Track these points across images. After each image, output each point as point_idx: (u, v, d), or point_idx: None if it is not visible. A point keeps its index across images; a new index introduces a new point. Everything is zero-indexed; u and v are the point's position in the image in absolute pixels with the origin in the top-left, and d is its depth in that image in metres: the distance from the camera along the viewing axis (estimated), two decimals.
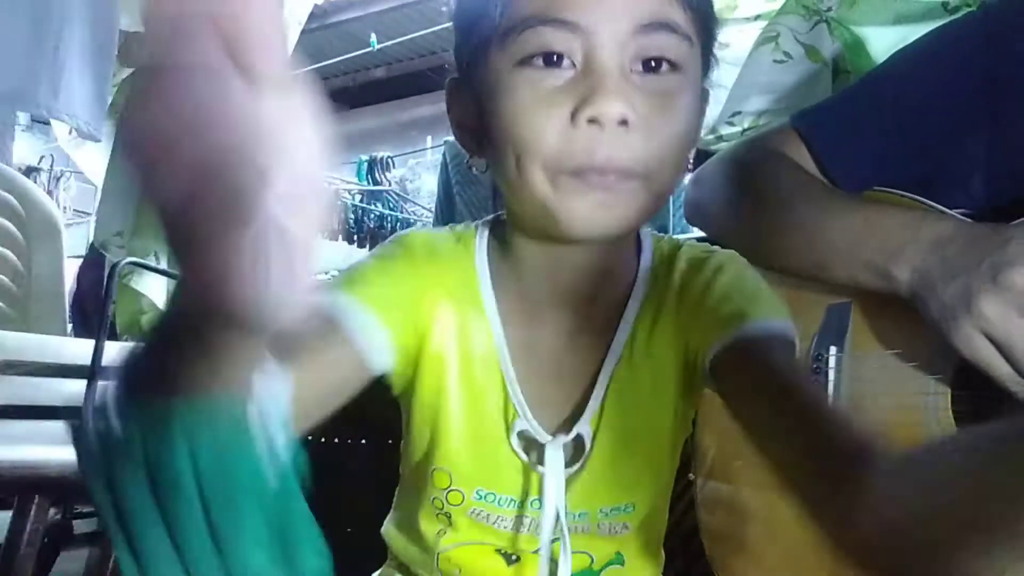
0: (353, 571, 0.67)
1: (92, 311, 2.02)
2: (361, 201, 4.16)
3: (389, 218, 4.19)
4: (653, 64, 0.58)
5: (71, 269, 2.28)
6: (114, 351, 1.67)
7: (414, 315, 0.66)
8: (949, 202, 0.87)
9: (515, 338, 0.68)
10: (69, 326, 2.14)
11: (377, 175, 4.25)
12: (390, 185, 4.30)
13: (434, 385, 0.68)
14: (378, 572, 0.77)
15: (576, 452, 0.67)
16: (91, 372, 1.54)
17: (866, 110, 0.89)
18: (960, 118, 0.83)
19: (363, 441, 1.47)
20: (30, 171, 4.60)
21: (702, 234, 1.00)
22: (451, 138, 2.06)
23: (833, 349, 0.80)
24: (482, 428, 0.68)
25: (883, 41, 1.25)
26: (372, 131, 5.56)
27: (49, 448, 1.20)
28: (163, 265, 2.07)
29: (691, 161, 0.67)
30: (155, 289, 2.04)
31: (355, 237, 4.12)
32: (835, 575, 0.77)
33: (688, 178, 1.00)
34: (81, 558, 1.46)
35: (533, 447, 0.67)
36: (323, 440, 1.46)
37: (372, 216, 4.16)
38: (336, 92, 5.65)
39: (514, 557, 0.70)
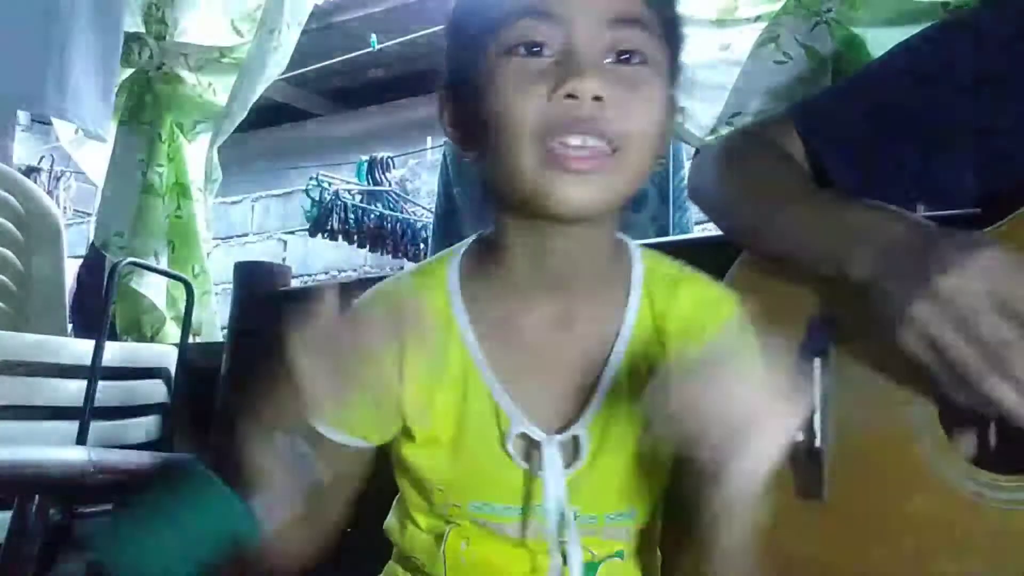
0: (355, 571, 0.67)
1: (92, 311, 2.02)
2: (361, 201, 4.16)
3: (389, 218, 4.19)
4: (625, 56, 0.65)
5: (71, 269, 2.28)
6: (114, 351, 1.67)
7: (379, 401, 0.68)
8: (941, 199, 0.88)
9: (497, 342, 0.71)
10: (69, 326, 2.14)
11: (377, 175, 4.25)
12: (390, 185, 4.30)
13: (418, 423, 0.71)
14: (384, 570, 0.78)
15: (576, 453, 0.69)
16: (91, 372, 1.55)
17: (859, 106, 0.90)
18: (948, 117, 0.84)
19: None
20: (30, 171, 4.60)
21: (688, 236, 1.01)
22: None
23: (817, 361, 0.79)
24: (472, 444, 0.70)
25: (883, 41, 1.25)
26: (372, 131, 5.56)
27: (49, 448, 1.21)
28: (163, 265, 2.07)
29: (662, 158, 0.72)
30: (156, 289, 2.04)
31: (355, 237, 4.12)
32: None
33: (692, 162, 1.02)
34: (81, 558, 1.46)
35: (533, 450, 0.69)
36: None
37: (372, 216, 4.16)
38: (336, 92, 5.65)
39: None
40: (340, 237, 4.09)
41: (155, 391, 1.77)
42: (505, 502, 0.70)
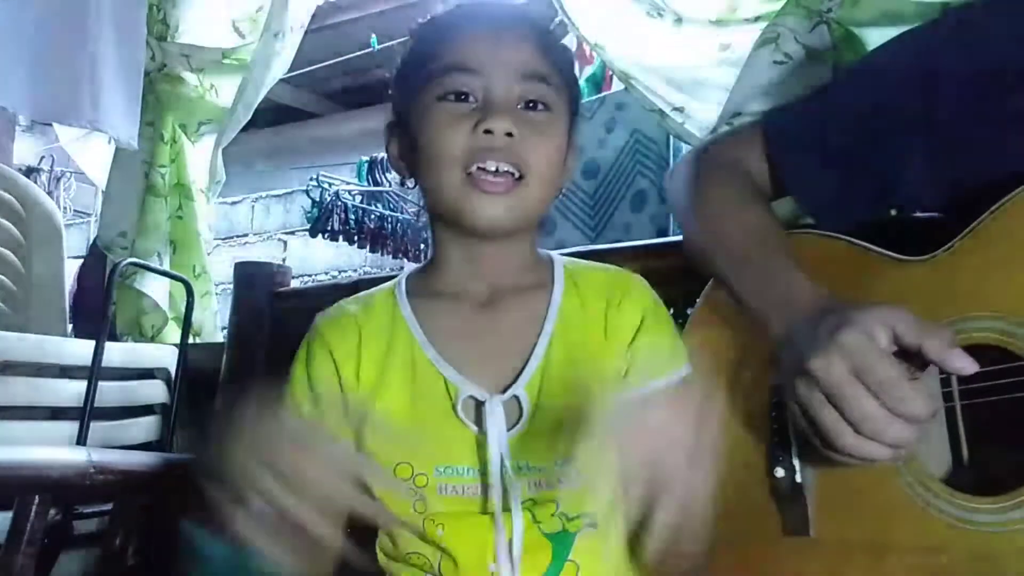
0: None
1: (92, 311, 2.02)
2: (361, 201, 4.16)
3: (389, 218, 4.18)
4: (531, 104, 0.81)
5: (71, 269, 2.28)
6: (114, 351, 1.67)
7: (344, 397, 0.84)
8: (912, 202, 0.89)
9: (441, 328, 0.85)
10: (69, 326, 2.14)
11: (377, 175, 4.24)
12: (390, 185, 4.29)
13: (374, 401, 0.83)
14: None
15: (520, 413, 0.79)
16: (91, 372, 1.55)
17: (826, 119, 0.92)
18: (902, 132, 0.86)
19: None
20: (30, 171, 4.60)
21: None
22: None
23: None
24: (427, 412, 0.81)
25: (883, 41, 1.25)
26: (372, 131, 5.55)
27: (49, 448, 1.21)
28: (165, 266, 2.07)
29: (562, 189, 0.87)
30: (156, 290, 2.04)
31: (355, 237, 4.11)
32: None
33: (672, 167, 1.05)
34: (81, 558, 1.46)
35: (482, 413, 0.79)
36: None
37: (372, 216, 4.15)
38: (336, 92, 5.65)
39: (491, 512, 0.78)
40: (340, 237, 4.08)
41: (155, 391, 1.77)
42: (464, 463, 0.79)
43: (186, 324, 1.85)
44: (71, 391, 1.56)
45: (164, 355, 1.81)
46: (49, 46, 1.72)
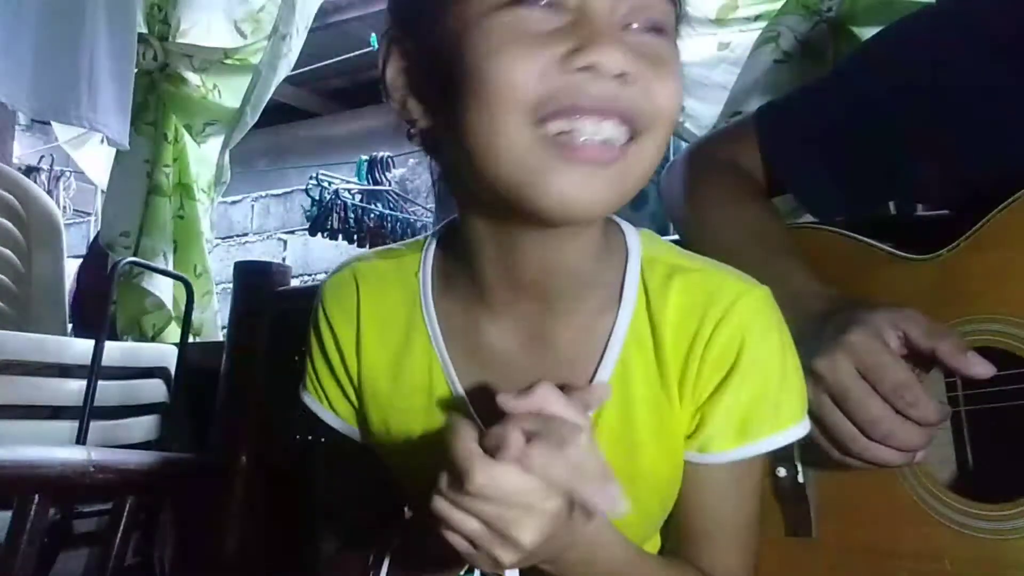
0: None
1: (92, 311, 2.02)
2: (361, 201, 4.16)
3: (389, 218, 4.18)
4: (648, 26, 0.55)
5: (71, 269, 2.27)
6: (114, 351, 1.67)
7: (343, 382, 0.71)
8: (912, 196, 0.88)
9: (467, 354, 0.65)
10: (69, 326, 2.13)
11: (377, 175, 4.24)
12: (390, 185, 4.29)
13: (378, 418, 0.70)
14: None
15: None
16: (91, 371, 1.54)
17: (821, 111, 0.91)
18: (902, 123, 0.84)
19: None
20: (30, 171, 4.59)
21: None
22: None
23: None
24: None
25: None
26: (372, 131, 5.55)
27: (49, 448, 1.20)
28: (169, 266, 2.07)
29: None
30: (160, 289, 2.04)
31: (355, 237, 4.11)
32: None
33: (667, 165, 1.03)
34: (81, 558, 1.46)
35: None
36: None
37: (372, 216, 4.15)
38: (336, 92, 5.64)
39: None
40: (340, 237, 4.09)
41: (155, 391, 1.77)
42: None
43: (186, 324, 1.85)
44: (71, 390, 1.56)
45: (164, 354, 1.81)
46: (48, 44, 1.71)
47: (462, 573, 0.61)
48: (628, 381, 0.62)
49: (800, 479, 0.79)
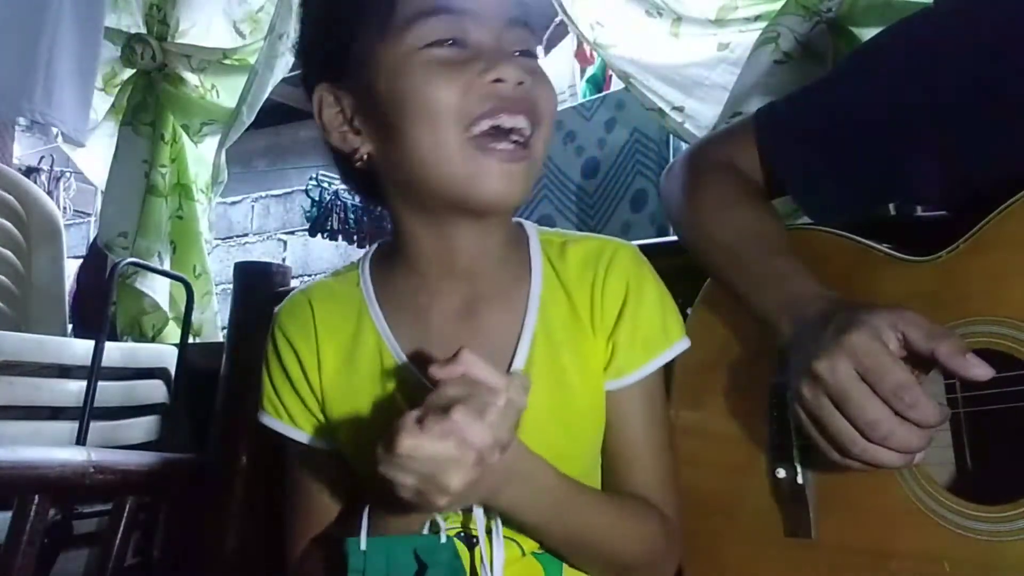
0: None
1: (92, 311, 2.02)
2: (361, 200, 4.16)
3: (389, 219, 4.19)
4: (521, 52, 0.73)
5: (71, 269, 2.27)
6: (114, 351, 1.67)
7: (305, 396, 0.80)
8: (912, 197, 0.87)
9: (411, 334, 0.77)
10: (69, 326, 2.13)
11: None
12: None
13: (341, 416, 0.78)
14: None
15: None
16: (91, 372, 1.54)
17: (820, 112, 0.90)
18: (903, 124, 0.84)
19: None
20: (30, 171, 4.59)
21: None
22: None
23: (791, 394, 0.78)
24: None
25: None
26: None
27: (49, 448, 1.20)
28: (165, 266, 2.07)
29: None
30: (156, 290, 2.04)
31: (355, 238, 4.11)
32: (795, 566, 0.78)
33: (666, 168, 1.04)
34: (81, 558, 1.46)
35: None
36: None
37: (372, 216, 4.15)
38: None
39: (474, 540, 0.73)
40: (340, 237, 4.08)
41: (155, 391, 1.77)
42: None
43: (186, 324, 1.85)
44: (71, 391, 1.56)
45: (164, 355, 1.81)
46: (5, 36, 1.70)
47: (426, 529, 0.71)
48: (549, 331, 0.77)
49: (799, 480, 0.79)
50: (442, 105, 0.68)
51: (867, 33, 1.31)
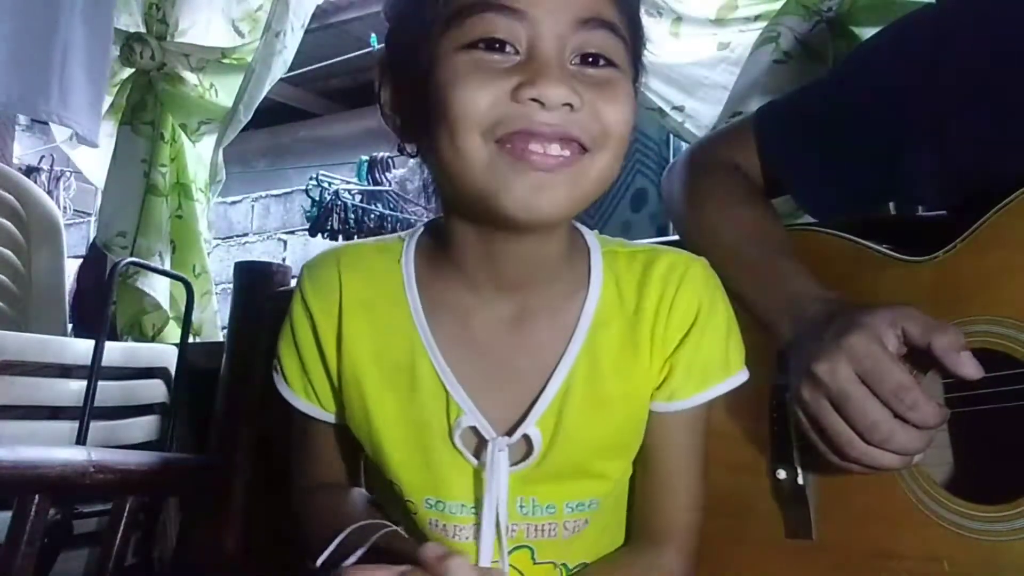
0: None
1: (92, 311, 2.02)
2: (361, 201, 4.16)
3: (389, 218, 4.19)
4: (591, 59, 0.62)
5: (71, 269, 2.27)
6: (114, 351, 1.67)
7: (315, 375, 0.75)
8: (909, 198, 0.87)
9: (450, 334, 0.71)
10: (69, 326, 2.13)
11: (377, 175, 4.25)
12: (390, 185, 4.30)
13: (359, 403, 0.72)
14: None
15: (528, 449, 0.69)
16: (91, 371, 1.54)
17: (820, 111, 0.90)
18: (902, 123, 0.84)
19: None
20: (30, 171, 4.59)
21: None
22: None
23: (790, 395, 0.78)
24: (423, 431, 0.70)
25: None
26: (372, 131, 5.55)
27: (49, 448, 1.20)
28: (166, 266, 2.07)
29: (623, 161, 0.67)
30: (156, 289, 2.04)
31: (355, 236, 4.11)
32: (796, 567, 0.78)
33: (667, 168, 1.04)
34: (81, 558, 1.46)
35: (483, 447, 0.69)
36: None
37: (372, 215, 4.16)
38: (336, 92, 5.64)
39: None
40: (340, 237, 4.09)
41: (155, 391, 1.77)
42: (457, 499, 0.70)
43: (186, 324, 1.85)
44: (71, 390, 1.56)
45: (164, 355, 1.81)
46: (20, 36, 1.69)
47: None
48: (596, 354, 0.71)
49: (800, 481, 0.79)
50: (466, 110, 0.59)
51: (867, 33, 1.31)
